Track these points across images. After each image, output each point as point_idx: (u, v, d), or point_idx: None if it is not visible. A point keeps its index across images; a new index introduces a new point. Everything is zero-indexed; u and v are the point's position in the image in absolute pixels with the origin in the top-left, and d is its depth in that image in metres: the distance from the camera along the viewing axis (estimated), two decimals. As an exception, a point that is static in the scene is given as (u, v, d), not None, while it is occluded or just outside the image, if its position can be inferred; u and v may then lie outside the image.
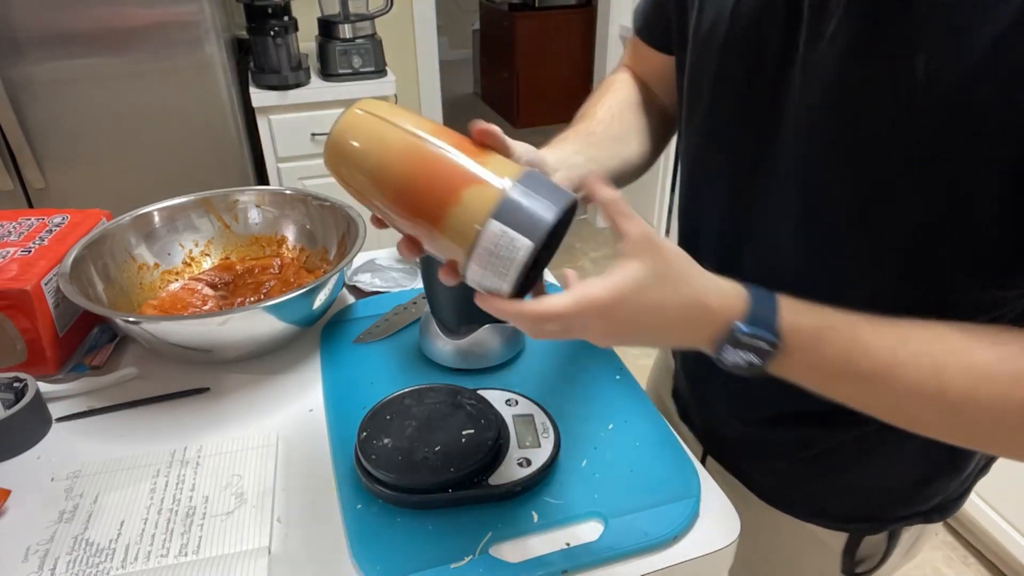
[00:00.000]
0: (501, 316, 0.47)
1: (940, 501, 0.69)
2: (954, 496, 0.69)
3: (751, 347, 0.45)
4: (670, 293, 0.45)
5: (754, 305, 0.45)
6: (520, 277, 0.45)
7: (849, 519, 0.69)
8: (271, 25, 1.84)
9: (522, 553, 0.57)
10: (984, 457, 0.69)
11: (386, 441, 0.63)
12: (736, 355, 0.46)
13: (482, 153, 0.48)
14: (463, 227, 0.45)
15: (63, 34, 1.58)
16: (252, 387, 0.79)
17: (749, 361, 0.46)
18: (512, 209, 0.45)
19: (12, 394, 0.72)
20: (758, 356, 0.45)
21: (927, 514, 0.69)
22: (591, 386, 0.76)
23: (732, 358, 0.46)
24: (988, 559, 1.60)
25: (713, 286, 0.47)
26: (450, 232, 0.46)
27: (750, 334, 0.45)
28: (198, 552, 0.58)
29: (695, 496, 0.62)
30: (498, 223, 0.44)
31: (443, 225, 0.46)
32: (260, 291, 0.92)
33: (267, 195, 1.00)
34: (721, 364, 0.47)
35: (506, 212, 0.45)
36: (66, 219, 0.89)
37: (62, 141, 1.69)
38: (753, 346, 0.45)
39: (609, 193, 0.46)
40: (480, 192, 0.45)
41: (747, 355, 0.45)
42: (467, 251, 0.46)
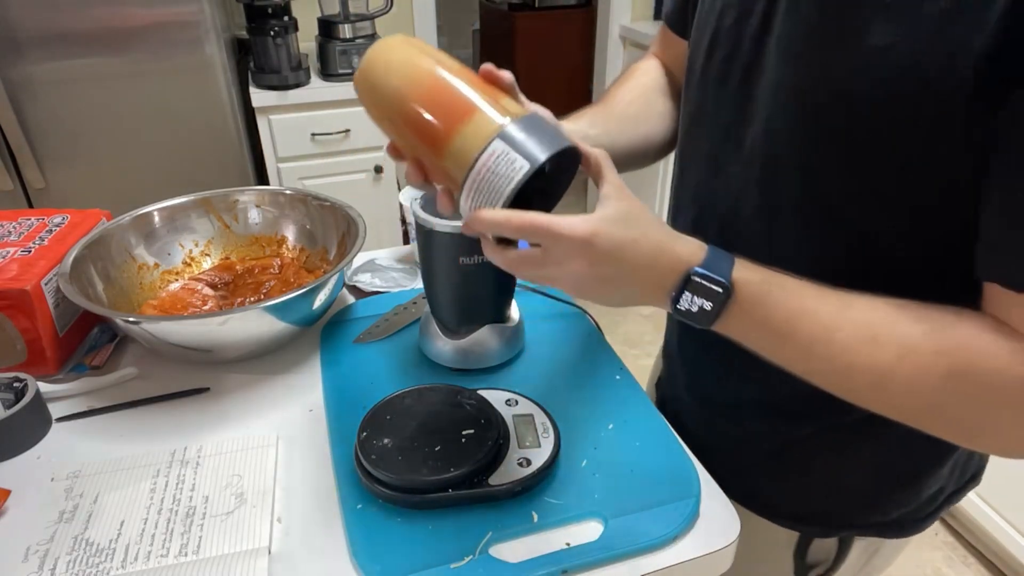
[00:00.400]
0: (485, 227, 0.48)
1: (898, 516, 0.69)
2: (916, 516, 0.69)
3: (704, 291, 0.48)
4: (641, 233, 0.48)
5: (711, 254, 0.49)
6: (510, 198, 0.47)
7: (800, 519, 0.70)
8: (271, 25, 1.84)
9: (522, 553, 0.57)
10: (953, 482, 0.69)
11: (386, 441, 0.63)
12: (690, 300, 0.48)
13: (497, 93, 0.52)
14: (468, 146, 0.48)
15: (63, 34, 1.58)
16: (252, 387, 0.79)
17: (700, 306, 0.48)
18: (515, 134, 0.48)
19: (12, 394, 0.72)
20: (709, 301, 0.48)
21: (883, 527, 0.69)
22: (591, 386, 0.76)
23: (686, 304, 0.48)
24: (988, 559, 1.60)
25: (677, 236, 0.50)
26: (455, 151, 0.49)
27: (704, 276, 0.47)
28: (198, 552, 0.58)
29: (695, 496, 0.62)
30: (501, 142, 0.47)
31: (450, 145, 0.49)
32: (260, 291, 0.92)
33: (267, 195, 1.00)
34: (676, 312, 0.49)
35: (509, 136, 0.47)
36: (66, 219, 0.89)
37: (62, 141, 1.69)
38: (706, 290, 0.48)
39: (595, 149, 0.50)
40: (486, 117, 0.49)
41: (700, 300, 0.48)
42: (467, 171, 0.48)
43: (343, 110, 1.97)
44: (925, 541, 1.65)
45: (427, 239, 0.71)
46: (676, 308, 0.49)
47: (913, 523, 0.70)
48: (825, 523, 0.70)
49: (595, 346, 0.83)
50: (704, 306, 0.48)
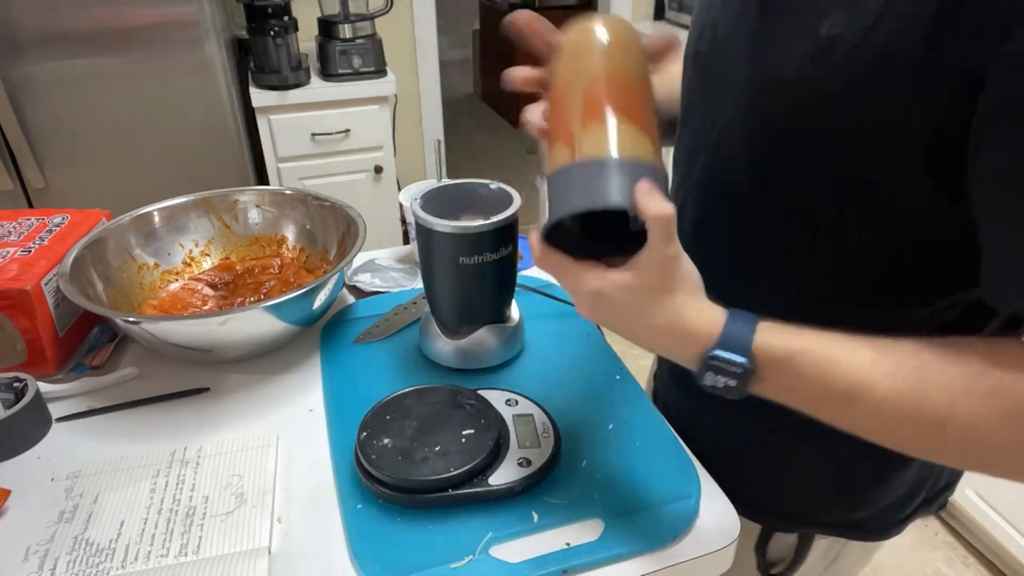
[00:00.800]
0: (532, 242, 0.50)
1: (859, 518, 0.68)
2: (883, 521, 0.68)
3: (726, 372, 0.46)
4: (653, 306, 0.47)
5: (729, 329, 0.46)
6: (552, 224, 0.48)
7: (764, 511, 0.70)
8: (271, 25, 1.84)
9: (522, 553, 0.57)
10: (925, 489, 0.69)
11: (386, 441, 0.63)
12: (713, 378, 0.47)
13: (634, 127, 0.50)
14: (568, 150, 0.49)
15: (63, 34, 1.58)
16: (252, 387, 0.79)
17: (725, 383, 0.47)
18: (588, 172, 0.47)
19: (12, 394, 0.72)
20: (733, 379, 0.46)
21: (846, 529, 0.68)
22: (591, 386, 0.76)
23: (710, 380, 0.47)
24: (988, 559, 1.60)
25: (695, 308, 0.47)
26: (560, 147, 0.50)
27: (722, 358, 0.46)
28: (198, 552, 0.58)
29: (695, 496, 0.62)
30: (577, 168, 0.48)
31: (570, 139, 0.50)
32: (260, 291, 0.92)
33: (267, 195, 1.00)
34: (705, 387, 0.48)
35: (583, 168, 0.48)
36: (66, 219, 0.89)
37: (62, 141, 1.69)
38: (727, 370, 0.46)
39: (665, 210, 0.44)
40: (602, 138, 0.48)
41: (723, 378, 0.46)
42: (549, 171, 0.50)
43: (343, 110, 1.97)
44: (925, 541, 1.65)
45: (427, 239, 0.71)
46: (704, 384, 0.48)
47: (877, 528, 0.68)
48: (785, 518, 0.70)
49: (595, 346, 0.83)
50: (729, 383, 0.47)
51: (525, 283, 0.95)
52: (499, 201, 0.75)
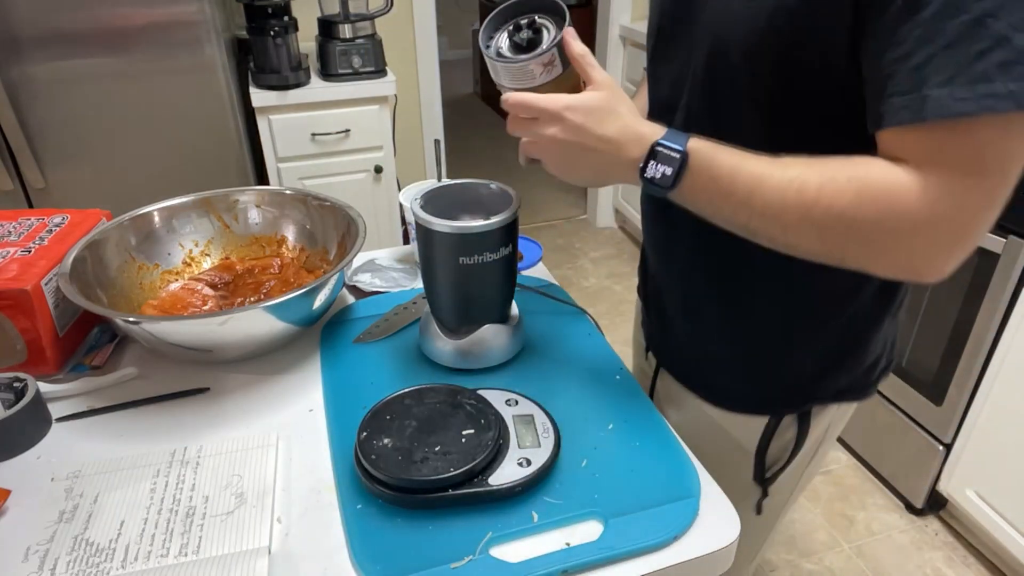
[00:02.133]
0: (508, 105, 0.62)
1: (847, 383, 0.78)
2: (863, 383, 0.79)
3: (665, 158, 0.58)
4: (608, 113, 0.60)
5: (670, 131, 0.59)
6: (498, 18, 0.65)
7: (771, 402, 0.79)
8: (271, 25, 1.84)
9: (522, 553, 0.57)
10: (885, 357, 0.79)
11: (386, 441, 0.63)
12: (655, 168, 0.58)
13: None
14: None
15: (63, 34, 1.58)
16: (252, 387, 0.79)
17: (663, 172, 0.58)
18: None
19: (12, 394, 0.72)
20: (670, 166, 0.58)
21: (838, 393, 0.78)
22: (591, 386, 0.76)
23: (651, 172, 0.58)
24: (988, 559, 1.60)
25: (642, 120, 0.61)
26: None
27: (665, 145, 0.58)
28: (198, 552, 0.58)
29: (695, 496, 0.62)
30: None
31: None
32: (260, 291, 0.92)
33: (267, 195, 1.00)
34: (643, 180, 0.59)
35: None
36: (66, 219, 0.89)
37: (62, 141, 1.69)
38: (667, 156, 0.58)
39: (580, 47, 0.61)
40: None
41: (662, 167, 0.58)
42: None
43: (343, 110, 1.97)
44: (925, 541, 1.65)
45: (427, 239, 0.71)
46: (643, 176, 0.59)
47: (860, 389, 0.79)
48: (787, 403, 0.78)
49: (595, 346, 0.83)
50: (666, 171, 0.58)
51: (525, 283, 0.95)
52: (499, 201, 0.75)
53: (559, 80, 0.63)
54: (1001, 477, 1.46)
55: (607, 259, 2.92)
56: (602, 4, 2.77)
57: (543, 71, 0.62)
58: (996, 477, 1.47)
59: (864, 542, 1.66)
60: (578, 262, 2.91)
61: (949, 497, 1.60)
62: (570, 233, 3.15)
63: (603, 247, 3.02)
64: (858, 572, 1.59)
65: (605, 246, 3.02)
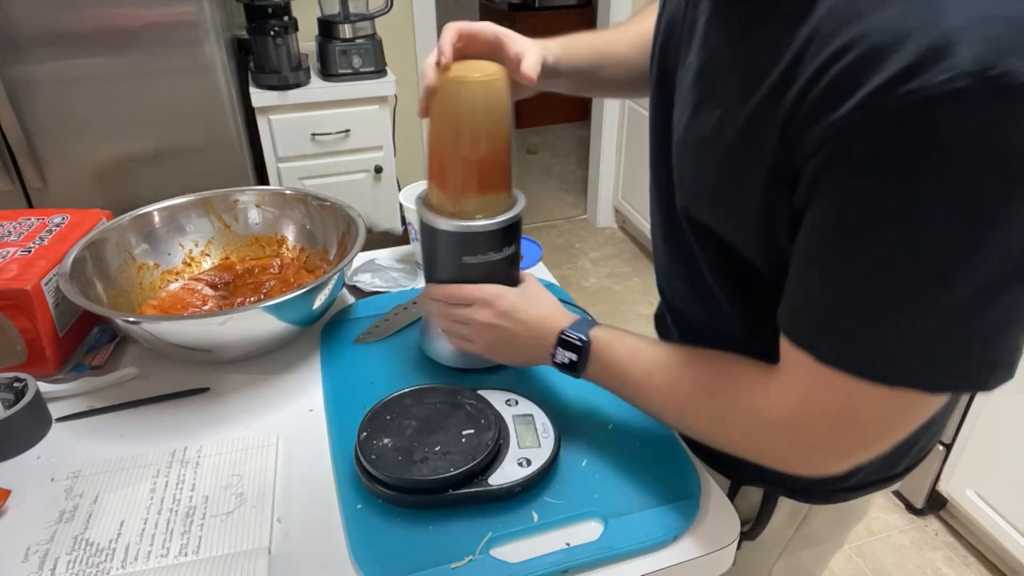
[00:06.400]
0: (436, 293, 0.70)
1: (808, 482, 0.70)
2: (827, 487, 0.70)
3: (570, 346, 0.63)
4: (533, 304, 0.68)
5: (577, 322, 0.65)
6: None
7: (733, 466, 0.72)
8: (271, 25, 1.84)
9: (522, 553, 0.57)
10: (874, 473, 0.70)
11: (386, 441, 0.63)
12: (563, 354, 0.64)
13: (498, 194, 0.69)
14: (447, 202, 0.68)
15: (63, 34, 1.58)
16: (252, 387, 0.79)
17: (570, 358, 0.63)
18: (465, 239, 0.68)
19: (12, 394, 0.72)
20: (575, 353, 0.63)
21: (796, 491, 0.71)
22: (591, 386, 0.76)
23: (560, 358, 0.64)
24: (988, 559, 1.60)
25: (561, 311, 0.67)
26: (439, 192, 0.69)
27: (569, 334, 0.63)
28: (198, 552, 0.58)
29: (695, 496, 0.62)
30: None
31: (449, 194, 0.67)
32: (260, 291, 0.92)
33: (267, 195, 1.00)
34: (555, 365, 0.65)
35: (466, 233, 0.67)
36: (66, 219, 0.89)
37: (62, 141, 1.69)
38: (571, 344, 0.63)
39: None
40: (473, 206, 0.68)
41: (569, 353, 0.63)
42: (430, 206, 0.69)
43: (343, 110, 1.97)
44: (925, 541, 1.65)
45: (431, 237, 0.71)
46: (554, 362, 0.65)
47: (822, 493, 0.71)
48: (750, 475, 0.72)
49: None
50: (572, 358, 0.63)
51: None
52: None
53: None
54: (1001, 477, 1.46)
55: (607, 259, 2.92)
56: (602, 4, 2.77)
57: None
58: (996, 477, 1.47)
59: (864, 542, 1.66)
60: (578, 262, 2.91)
61: (949, 497, 1.60)
62: (570, 233, 3.15)
63: (603, 247, 3.02)
64: (858, 572, 1.59)
65: (605, 246, 3.02)
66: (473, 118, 0.63)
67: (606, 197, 3.10)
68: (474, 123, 0.63)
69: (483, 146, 0.64)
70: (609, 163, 2.99)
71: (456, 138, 0.64)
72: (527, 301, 0.67)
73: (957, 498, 1.57)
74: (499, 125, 0.64)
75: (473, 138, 0.64)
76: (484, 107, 0.63)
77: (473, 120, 0.63)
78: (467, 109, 0.62)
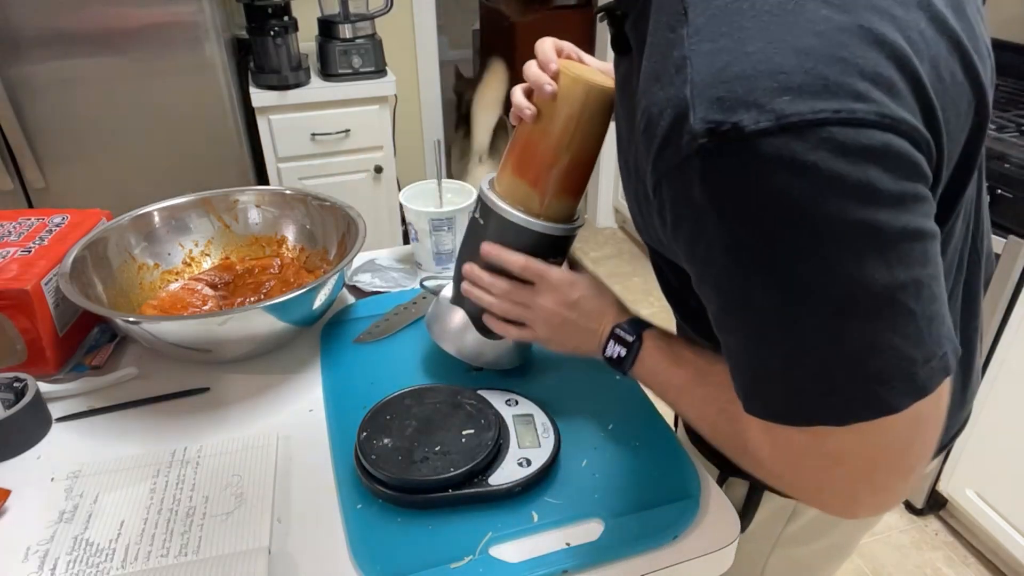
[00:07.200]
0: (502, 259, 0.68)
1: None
2: None
3: (621, 341, 0.63)
4: (598, 295, 0.67)
5: (632, 319, 0.64)
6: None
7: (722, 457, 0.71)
8: (271, 25, 1.84)
9: (522, 553, 0.57)
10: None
11: (386, 441, 0.63)
12: (612, 347, 0.64)
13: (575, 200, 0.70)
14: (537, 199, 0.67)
15: (63, 34, 1.58)
16: (252, 387, 0.79)
17: (619, 353, 0.63)
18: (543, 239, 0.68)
19: (12, 394, 0.72)
20: (624, 348, 0.63)
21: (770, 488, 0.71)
22: (591, 386, 0.76)
23: (609, 351, 0.64)
24: (988, 559, 1.60)
25: (622, 306, 0.67)
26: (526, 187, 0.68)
27: (623, 329, 0.63)
28: (198, 552, 0.58)
29: (695, 496, 0.62)
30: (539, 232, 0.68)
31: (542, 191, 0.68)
32: (260, 291, 0.92)
33: (267, 195, 1.00)
34: (604, 359, 0.65)
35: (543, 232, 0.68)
36: (66, 219, 0.89)
37: (62, 141, 1.69)
38: (624, 340, 0.63)
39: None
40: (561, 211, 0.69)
41: (618, 347, 0.63)
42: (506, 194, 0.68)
43: (343, 110, 1.97)
44: (925, 541, 1.65)
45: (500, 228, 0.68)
46: (604, 355, 0.65)
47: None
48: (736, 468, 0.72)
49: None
50: (620, 352, 0.63)
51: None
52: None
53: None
54: (1001, 477, 1.46)
55: (607, 259, 2.92)
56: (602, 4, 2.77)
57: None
58: (996, 477, 1.47)
59: (864, 542, 1.66)
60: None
61: (949, 497, 1.60)
62: (570, 233, 3.14)
63: (603, 247, 3.02)
64: (858, 572, 1.59)
65: (605, 246, 3.02)
66: (591, 122, 0.64)
67: (606, 197, 3.10)
68: (591, 126, 0.64)
69: (590, 150, 0.65)
70: (609, 163, 2.99)
71: (571, 139, 0.64)
72: (594, 294, 0.66)
73: (957, 498, 1.57)
74: (604, 130, 0.66)
75: (585, 141, 0.65)
76: (601, 112, 0.64)
77: (591, 123, 0.64)
78: (589, 112, 0.63)
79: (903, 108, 0.39)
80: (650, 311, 2.50)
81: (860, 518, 0.53)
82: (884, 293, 0.39)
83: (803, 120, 0.36)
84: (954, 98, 0.43)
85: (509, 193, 0.67)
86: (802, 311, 0.41)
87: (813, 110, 0.36)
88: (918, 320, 0.41)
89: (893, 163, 0.38)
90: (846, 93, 0.37)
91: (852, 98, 0.37)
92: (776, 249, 0.39)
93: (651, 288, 2.63)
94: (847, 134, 0.37)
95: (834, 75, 0.37)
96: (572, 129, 0.64)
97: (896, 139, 0.38)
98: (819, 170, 0.37)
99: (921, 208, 0.40)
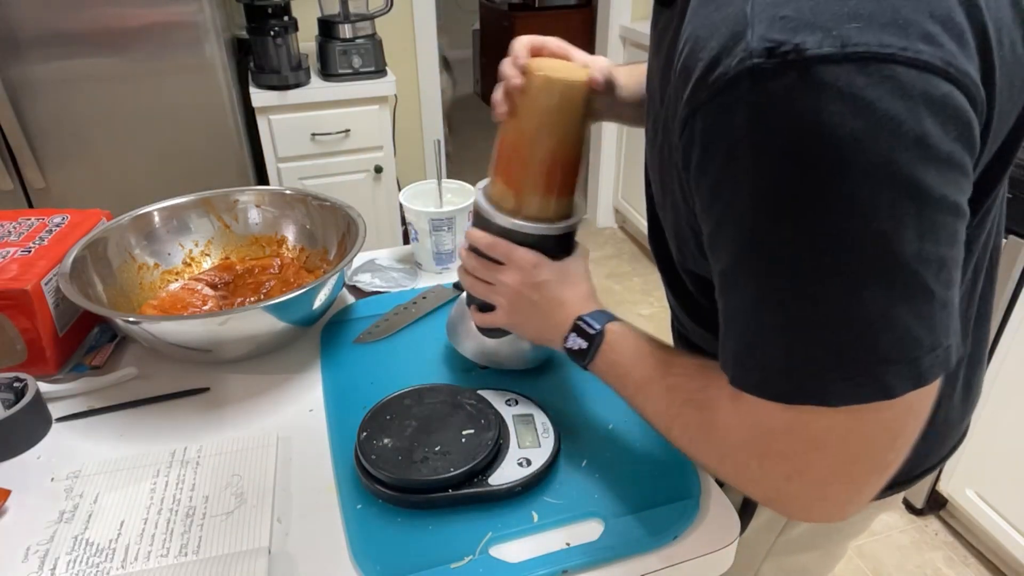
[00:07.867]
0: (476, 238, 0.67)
1: None
2: None
3: (583, 333, 0.61)
4: (563, 282, 0.65)
5: (596, 311, 0.62)
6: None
7: None
8: (271, 25, 1.84)
9: (522, 553, 0.57)
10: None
11: (386, 441, 0.63)
12: (574, 339, 0.62)
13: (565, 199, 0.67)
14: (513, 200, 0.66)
15: (63, 34, 1.58)
16: (252, 387, 0.79)
17: (580, 345, 0.61)
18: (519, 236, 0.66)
19: (12, 394, 0.72)
20: (586, 341, 0.61)
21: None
22: (591, 386, 0.76)
23: (571, 343, 0.62)
24: (988, 559, 1.60)
25: (587, 297, 0.65)
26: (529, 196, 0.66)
27: (585, 322, 0.61)
28: (198, 552, 0.58)
29: (695, 496, 0.62)
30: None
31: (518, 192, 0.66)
32: (260, 291, 0.92)
33: (267, 195, 1.00)
34: (565, 350, 0.63)
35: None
36: (66, 219, 0.89)
37: (62, 141, 1.69)
38: (585, 333, 0.61)
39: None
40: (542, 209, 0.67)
41: (580, 340, 0.61)
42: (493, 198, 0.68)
43: (343, 110, 1.97)
44: (925, 541, 1.65)
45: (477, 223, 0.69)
46: (565, 346, 0.63)
47: None
48: None
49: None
50: (582, 344, 0.61)
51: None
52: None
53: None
54: (1001, 477, 1.46)
55: (607, 259, 2.92)
56: (602, 4, 2.77)
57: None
58: (996, 477, 1.47)
59: (864, 542, 1.66)
60: (578, 262, 2.91)
61: (949, 497, 1.60)
62: (570, 233, 3.14)
63: (603, 247, 3.02)
64: (858, 572, 1.59)
65: (605, 246, 3.02)
66: (561, 117, 0.62)
67: (606, 197, 3.10)
68: (561, 122, 0.63)
69: (566, 147, 0.64)
70: (609, 163, 2.99)
71: (540, 136, 0.63)
72: (561, 280, 0.65)
73: (957, 498, 1.57)
74: (581, 126, 0.64)
75: (556, 137, 0.63)
76: (572, 107, 0.62)
77: (560, 119, 0.62)
78: (557, 107, 0.62)
79: (968, 62, 0.36)
80: (650, 311, 2.50)
81: (814, 521, 0.51)
82: (910, 265, 0.37)
83: (869, 52, 0.34)
84: (1011, 69, 0.41)
85: (493, 191, 0.68)
86: (823, 266, 0.38)
87: (881, 43, 0.34)
88: (934, 303, 0.39)
89: (950, 118, 0.36)
90: (916, 32, 0.35)
91: (921, 38, 0.35)
92: (811, 192, 0.37)
93: (651, 288, 2.63)
94: (911, 76, 0.35)
95: (906, 10, 0.35)
96: (540, 125, 0.63)
97: (957, 93, 0.36)
98: (876, 109, 0.35)
99: (960, 183, 0.38)
